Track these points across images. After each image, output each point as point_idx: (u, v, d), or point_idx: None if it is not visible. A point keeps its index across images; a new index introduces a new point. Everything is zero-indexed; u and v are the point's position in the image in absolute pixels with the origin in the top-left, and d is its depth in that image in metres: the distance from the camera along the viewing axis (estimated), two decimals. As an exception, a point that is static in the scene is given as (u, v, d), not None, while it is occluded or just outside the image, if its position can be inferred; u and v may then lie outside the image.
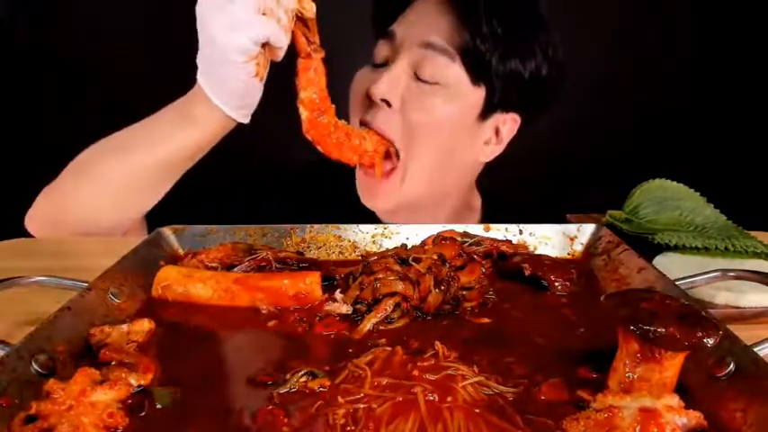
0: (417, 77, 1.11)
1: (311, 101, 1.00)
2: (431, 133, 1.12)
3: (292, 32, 0.92)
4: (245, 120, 1.00)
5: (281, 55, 0.93)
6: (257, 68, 0.93)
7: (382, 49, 1.16)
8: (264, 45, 0.90)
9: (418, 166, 1.15)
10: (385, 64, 1.15)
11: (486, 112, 1.15)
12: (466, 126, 1.15)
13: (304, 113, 1.00)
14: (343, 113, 1.08)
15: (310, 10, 0.93)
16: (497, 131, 1.20)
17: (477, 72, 1.10)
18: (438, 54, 1.09)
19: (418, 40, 1.11)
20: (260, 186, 1.38)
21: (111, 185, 1.05)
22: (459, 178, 1.25)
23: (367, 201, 1.20)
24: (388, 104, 1.11)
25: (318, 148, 1.05)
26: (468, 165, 1.23)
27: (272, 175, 1.41)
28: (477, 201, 1.38)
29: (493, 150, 1.21)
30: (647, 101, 2.24)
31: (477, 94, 1.13)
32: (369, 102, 1.13)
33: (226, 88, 0.95)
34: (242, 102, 0.97)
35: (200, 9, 0.90)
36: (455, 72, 1.10)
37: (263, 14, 0.87)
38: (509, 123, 1.19)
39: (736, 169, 2.17)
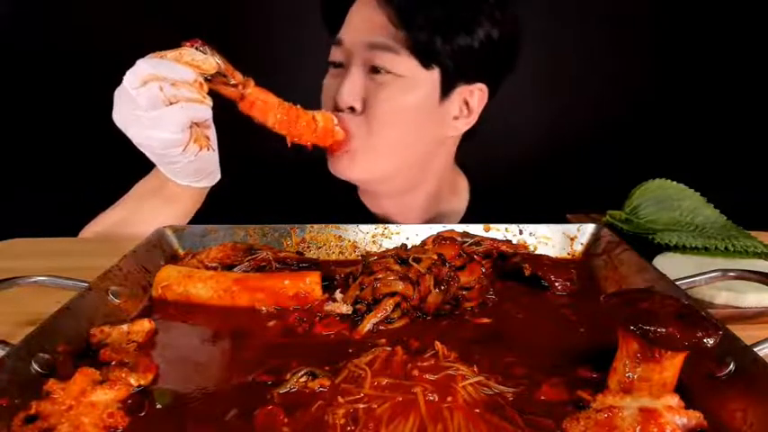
0: (372, 73, 1.13)
1: (279, 122, 1.02)
2: (391, 119, 1.14)
3: (211, 90, 0.93)
4: (215, 181, 1.06)
5: (210, 122, 0.96)
6: (198, 144, 0.94)
7: (336, 55, 1.18)
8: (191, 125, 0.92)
9: (382, 145, 1.16)
10: (341, 65, 1.17)
11: (445, 91, 1.16)
12: (428, 111, 1.16)
13: (282, 133, 1.03)
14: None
15: (209, 68, 0.91)
16: (467, 104, 1.20)
17: (426, 58, 1.11)
18: (384, 52, 1.11)
19: (364, 42, 1.13)
20: (259, 186, 1.38)
21: None
22: (428, 154, 1.24)
23: (336, 171, 1.20)
24: (353, 110, 1.14)
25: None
26: (437, 139, 1.23)
27: (271, 174, 1.42)
28: (462, 182, 1.39)
29: (467, 123, 1.22)
30: (648, 101, 2.24)
31: (433, 77, 1.14)
32: (336, 108, 1.16)
33: (184, 173, 1.01)
34: (204, 174, 1.03)
35: (116, 119, 0.92)
36: (405, 63, 1.11)
37: (171, 103, 0.88)
38: (477, 94, 1.20)
39: (736, 169, 2.17)
